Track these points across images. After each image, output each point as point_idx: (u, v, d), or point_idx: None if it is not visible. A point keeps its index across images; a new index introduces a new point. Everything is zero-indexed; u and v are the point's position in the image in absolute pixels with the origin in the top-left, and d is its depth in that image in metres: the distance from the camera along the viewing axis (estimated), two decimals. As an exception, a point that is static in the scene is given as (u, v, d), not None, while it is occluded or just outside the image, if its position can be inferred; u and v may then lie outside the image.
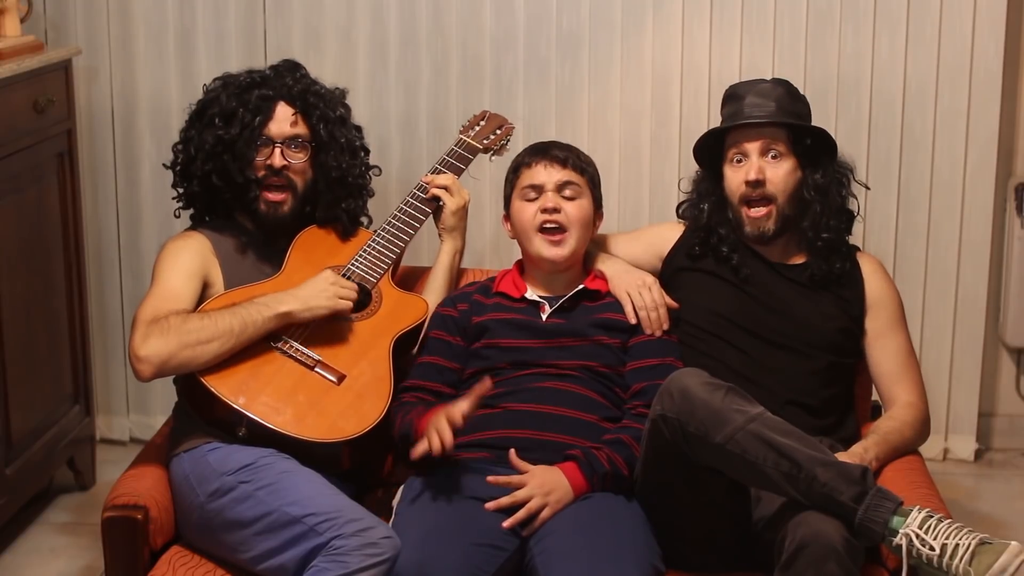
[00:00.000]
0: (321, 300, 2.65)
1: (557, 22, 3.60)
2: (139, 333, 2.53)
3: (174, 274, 2.67)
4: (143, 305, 2.60)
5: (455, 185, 2.95)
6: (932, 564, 2.29)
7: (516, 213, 2.82)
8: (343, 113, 2.90)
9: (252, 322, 2.58)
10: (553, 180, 2.78)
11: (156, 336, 2.52)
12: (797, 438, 2.40)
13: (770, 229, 2.81)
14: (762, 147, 2.80)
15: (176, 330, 2.53)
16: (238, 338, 2.56)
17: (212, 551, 2.54)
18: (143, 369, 2.52)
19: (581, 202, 2.79)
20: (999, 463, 3.84)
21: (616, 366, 2.74)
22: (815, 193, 2.81)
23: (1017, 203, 3.68)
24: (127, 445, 3.88)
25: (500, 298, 2.83)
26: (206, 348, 2.53)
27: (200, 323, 2.55)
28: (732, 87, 2.91)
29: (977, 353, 3.76)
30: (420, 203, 2.92)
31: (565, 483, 2.55)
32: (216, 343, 2.54)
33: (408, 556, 2.37)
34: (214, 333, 2.54)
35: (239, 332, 2.56)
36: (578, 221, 2.78)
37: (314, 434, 2.55)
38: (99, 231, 3.80)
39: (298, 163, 2.80)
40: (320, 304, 2.65)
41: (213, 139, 2.77)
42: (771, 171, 2.79)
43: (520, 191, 2.81)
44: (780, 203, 2.80)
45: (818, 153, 2.83)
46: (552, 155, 2.80)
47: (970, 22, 3.55)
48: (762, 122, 2.78)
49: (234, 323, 2.56)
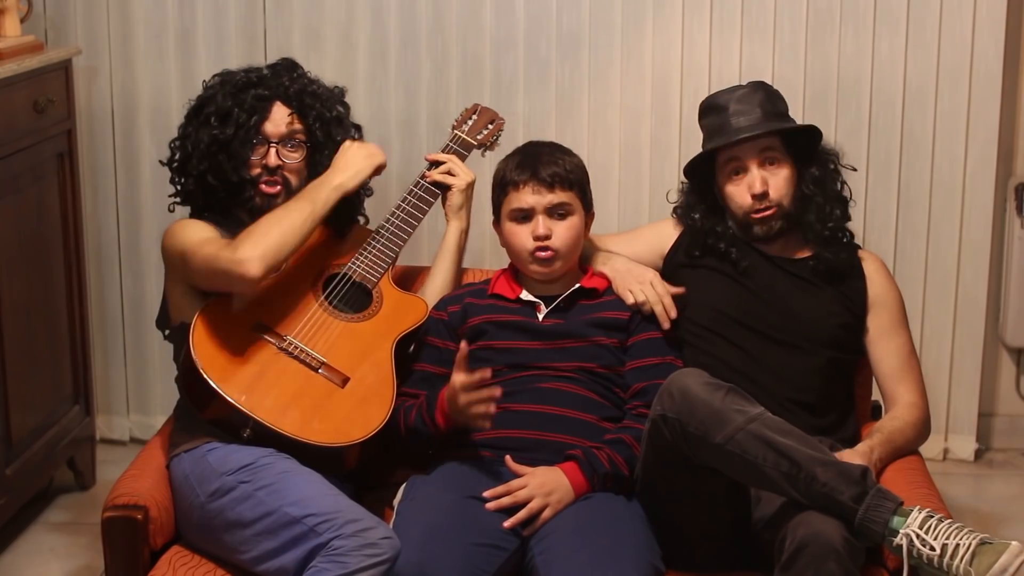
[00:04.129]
0: (362, 164, 2.77)
1: (557, 22, 3.60)
2: (225, 253, 2.57)
3: (203, 230, 2.69)
4: (202, 253, 2.61)
5: (459, 164, 2.97)
6: (932, 564, 2.29)
7: (508, 235, 2.80)
8: (340, 112, 2.90)
9: (317, 198, 2.69)
10: (543, 204, 2.75)
11: (243, 242, 2.58)
12: (797, 438, 2.40)
13: (775, 227, 2.82)
14: (760, 158, 2.81)
15: (254, 231, 2.60)
16: (312, 213, 2.66)
17: (212, 551, 2.54)
18: (250, 268, 2.54)
19: (572, 221, 2.76)
20: (999, 463, 3.84)
21: (615, 366, 2.74)
22: (814, 186, 2.83)
23: (1017, 203, 3.68)
24: (127, 445, 3.88)
25: (495, 300, 2.82)
26: (293, 227, 2.62)
27: (271, 218, 2.63)
28: (709, 98, 2.91)
29: (977, 353, 3.76)
30: (424, 192, 2.92)
31: (566, 483, 2.55)
32: (299, 220, 2.63)
33: (408, 556, 2.37)
34: (289, 216, 2.63)
35: (310, 208, 2.67)
36: (569, 242, 2.76)
37: (320, 438, 2.55)
38: (99, 231, 3.80)
39: (293, 163, 2.80)
40: (363, 167, 2.77)
41: (208, 138, 2.77)
42: (773, 179, 2.80)
43: (509, 212, 2.79)
44: (785, 205, 2.82)
45: (810, 147, 2.85)
46: (540, 177, 2.75)
47: (970, 22, 3.55)
48: (759, 134, 2.79)
49: (303, 202, 2.67)
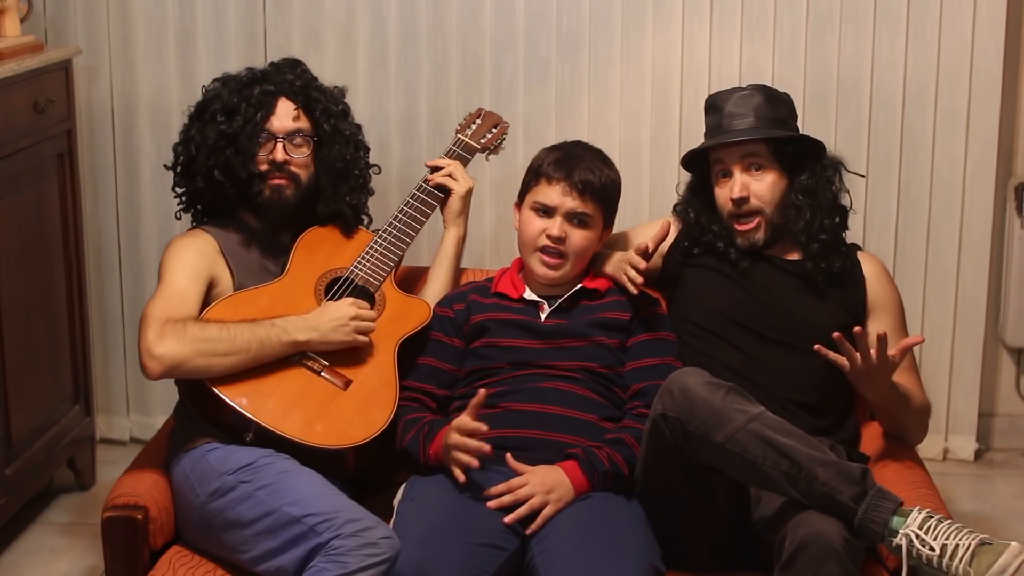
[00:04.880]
0: (340, 335, 2.65)
1: (557, 22, 3.60)
2: (152, 331, 2.52)
3: (181, 273, 2.67)
4: (153, 303, 2.59)
5: (458, 170, 2.97)
6: (932, 564, 2.29)
7: (523, 222, 2.81)
8: (345, 108, 2.91)
9: (269, 344, 2.58)
10: (566, 207, 2.75)
11: (173, 337, 2.51)
12: (797, 438, 2.40)
13: (759, 240, 2.82)
14: (743, 163, 2.80)
15: (194, 336, 2.52)
16: (253, 358, 2.56)
17: (212, 551, 2.54)
18: (153, 367, 2.51)
19: (588, 233, 2.77)
20: (999, 463, 3.84)
21: (615, 366, 2.74)
22: (803, 196, 2.81)
23: (1017, 203, 3.68)
24: (127, 445, 3.88)
25: (499, 298, 2.83)
26: (221, 361, 2.53)
27: (219, 334, 2.54)
28: (711, 97, 2.92)
29: (977, 353, 3.76)
30: (427, 196, 2.92)
31: (566, 481, 2.55)
32: (231, 358, 2.54)
33: (408, 556, 2.37)
34: (231, 348, 2.54)
35: (255, 353, 2.56)
36: (580, 251, 2.77)
37: (322, 441, 2.55)
38: (99, 231, 3.80)
39: (300, 158, 2.80)
40: (338, 339, 2.65)
41: (216, 134, 2.77)
42: (755, 185, 2.80)
43: (532, 202, 2.79)
44: (768, 213, 2.81)
45: (803, 155, 2.84)
46: (573, 181, 2.74)
47: (970, 22, 3.55)
48: (739, 140, 2.79)
49: (252, 343, 2.56)
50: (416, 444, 2.63)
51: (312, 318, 2.64)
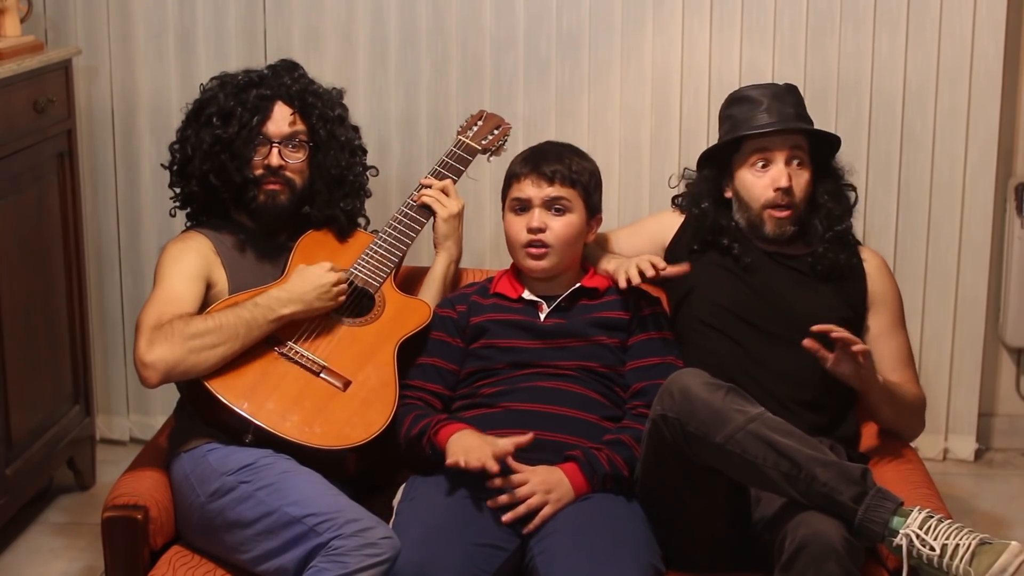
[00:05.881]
0: (324, 302, 2.67)
1: (557, 22, 3.60)
2: (144, 339, 2.53)
3: (176, 277, 2.67)
4: (146, 309, 2.59)
5: (449, 191, 2.94)
6: (932, 564, 2.29)
7: (506, 226, 2.82)
8: (341, 112, 2.90)
9: (256, 325, 2.59)
10: (541, 196, 2.77)
11: (161, 342, 2.51)
12: (797, 438, 2.40)
13: (789, 231, 2.84)
14: (789, 154, 2.82)
15: (180, 335, 2.52)
16: (243, 341, 2.57)
17: (212, 551, 2.54)
18: (150, 376, 2.52)
19: (570, 218, 2.77)
20: (999, 463, 3.84)
21: (616, 366, 2.74)
22: (828, 197, 2.85)
23: (1017, 203, 3.68)
24: (127, 445, 3.88)
25: (498, 299, 2.83)
26: (212, 353, 2.53)
27: (204, 326, 2.55)
28: (743, 89, 2.92)
29: (977, 353, 3.76)
30: (415, 212, 2.92)
31: (566, 483, 2.55)
32: (221, 347, 2.54)
33: (408, 556, 2.37)
34: (219, 338, 2.54)
35: (244, 337, 2.57)
36: (563, 238, 2.77)
37: (321, 441, 2.54)
38: (99, 231, 3.80)
39: (296, 163, 2.80)
40: (322, 306, 2.67)
41: (211, 138, 2.77)
42: (796, 179, 2.83)
43: (510, 202, 2.81)
44: (800, 208, 2.84)
45: (828, 158, 2.88)
46: (541, 171, 2.77)
47: (970, 22, 3.55)
48: (800, 128, 2.82)
49: (239, 327, 2.57)
50: (424, 433, 2.62)
51: (293, 288, 2.65)
